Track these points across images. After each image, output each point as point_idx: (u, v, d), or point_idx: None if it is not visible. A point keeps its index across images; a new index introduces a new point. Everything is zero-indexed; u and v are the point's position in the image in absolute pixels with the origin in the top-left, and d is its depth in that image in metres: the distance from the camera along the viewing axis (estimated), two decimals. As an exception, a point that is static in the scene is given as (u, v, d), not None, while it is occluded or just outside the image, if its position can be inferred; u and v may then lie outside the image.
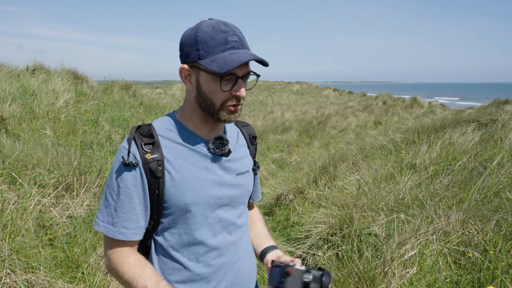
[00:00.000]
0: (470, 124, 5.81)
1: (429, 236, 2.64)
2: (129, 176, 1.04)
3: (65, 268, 2.78)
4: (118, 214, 1.05)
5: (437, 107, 19.64)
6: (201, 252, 1.11)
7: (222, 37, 1.00)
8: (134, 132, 1.07)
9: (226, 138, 1.12)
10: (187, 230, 1.10)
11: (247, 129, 1.30)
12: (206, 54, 1.01)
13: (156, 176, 1.04)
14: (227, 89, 1.03)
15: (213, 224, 1.12)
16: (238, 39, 1.02)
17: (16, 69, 8.54)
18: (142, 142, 1.06)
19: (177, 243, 1.11)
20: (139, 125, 1.10)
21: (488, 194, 3.09)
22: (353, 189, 3.89)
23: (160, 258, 1.13)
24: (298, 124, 14.09)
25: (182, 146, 1.10)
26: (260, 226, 1.38)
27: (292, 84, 42.62)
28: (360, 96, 29.42)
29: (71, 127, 6.01)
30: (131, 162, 1.03)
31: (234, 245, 1.17)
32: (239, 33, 1.04)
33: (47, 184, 3.49)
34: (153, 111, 8.90)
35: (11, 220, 2.75)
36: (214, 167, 1.12)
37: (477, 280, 2.27)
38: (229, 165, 1.15)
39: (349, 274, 2.61)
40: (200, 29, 1.02)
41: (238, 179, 1.17)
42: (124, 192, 1.05)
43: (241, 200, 1.20)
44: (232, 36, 1.01)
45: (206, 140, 1.13)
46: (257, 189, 1.40)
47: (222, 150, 1.11)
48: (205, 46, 1.00)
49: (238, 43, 1.01)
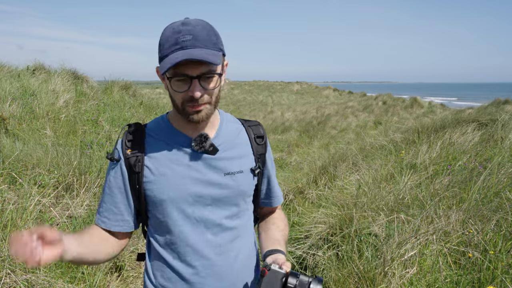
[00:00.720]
0: (470, 124, 5.81)
1: (429, 236, 2.63)
2: (111, 171, 1.13)
3: (65, 268, 2.78)
4: (102, 205, 1.16)
5: (437, 107, 19.65)
6: (183, 252, 1.11)
7: (174, 38, 1.00)
8: (124, 130, 1.15)
9: (205, 135, 1.10)
10: (169, 228, 1.11)
11: (254, 128, 1.25)
12: (162, 56, 1.03)
13: (135, 171, 1.09)
14: (181, 90, 1.02)
15: (195, 223, 1.11)
16: (190, 38, 0.98)
17: (16, 69, 8.54)
18: (126, 139, 1.12)
19: (162, 241, 1.14)
20: (129, 124, 1.15)
21: (488, 194, 3.09)
22: (353, 189, 3.89)
23: (151, 255, 1.18)
24: (298, 124, 14.09)
25: (166, 143, 1.12)
26: (273, 230, 1.29)
27: (292, 84, 42.59)
28: (360, 96, 29.41)
29: (71, 127, 6.01)
30: (113, 157, 1.11)
31: (219, 247, 1.13)
32: (198, 31, 1.00)
33: (47, 184, 3.49)
34: (153, 111, 8.90)
35: (11, 220, 2.75)
36: (197, 165, 1.11)
37: (477, 280, 2.26)
38: (217, 164, 1.12)
39: (349, 274, 2.61)
40: (164, 32, 1.04)
41: (226, 179, 1.13)
42: (107, 186, 1.14)
43: (230, 201, 1.15)
44: (184, 36, 0.99)
45: (190, 137, 1.13)
46: (273, 195, 1.33)
47: (202, 146, 1.09)
48: (162, 48, 1.03)
49: (188, 42, 0.98)
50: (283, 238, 1.26)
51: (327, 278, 2.80)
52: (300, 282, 0.97)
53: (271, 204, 1.34)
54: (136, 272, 3.02)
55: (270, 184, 1.31)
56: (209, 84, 1.03)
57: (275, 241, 1.22)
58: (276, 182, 1.35)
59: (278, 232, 1.28)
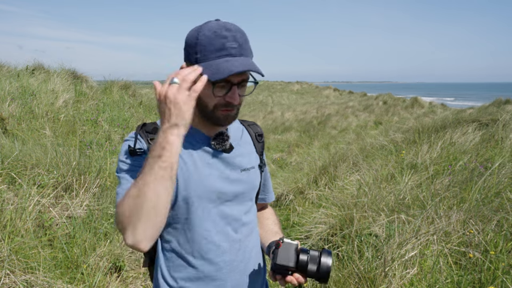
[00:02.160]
0: (471, 124, 5.80)
1: (429, 237, 2.63)
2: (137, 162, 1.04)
3: (64, 269, 2.78)
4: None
5: (437, 107, 19.64)
6: (205, 249, 1.11)
7: (220, 43, 1.00)
8: (140, 130, 1.11)
9: (227, 134, 1.13)
10: (190, 226, 1.10)
11: (253, 127, 1.31)
12: (203, 58, 1.02)
13: None
14: (220, 95, 1.04)
15: (217, 220, 1.12)
16: (237, 46, 1.01)
17: (16, 69, 8.54)
18: (148, 138, 1.09)
19: (182, 239, 1.12)
20: (144, 123, 1.12)
21: (489, 194, 3.08)
22: (354, 189, 3.88)
23: (166, 255, 1.14)
24: (298, 124, 14.08)
25: (185, 141, 1.10)
26: (269, 224, 1.36)
27: (292, 84, 42.60)
28: (360, 96, 29.41)
29: (70, 127, 6.00)
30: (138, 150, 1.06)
31: (238, 242, 1.16)
32: (240, 38, 1.03)
33: (46, 184, 3.48)
34: (153, 111, 8.89)
35: (10, 221, 2.74)
36: (216, 162, 1.13)
37: (477, 281, 2.26)
38: (233, 161, 1.16)
39: (350, 274, 2.60)
40: (201, 31, 1.03)
41: (242, 175, 1.17)
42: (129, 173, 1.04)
43: (246, 196, 1.19)
44: (231, 43, 1.00)
45: (208, 136, 1.14)
46: (268, 190, 1.40)
47: (223, 145, 1.12)
48: (203, 50, 1.01)
49: (236, 50, 1.01)
50: (280, 230, 1.35)
51: (327, 278, 2.79)
52: (311, 256, 1.04)
53: (266, 200, 1.40)
54: (136, 273, 3.01)
55: (266, 180, 1.37)
56: (244, 91, 1.09)
57: (275, 233, 1.30)
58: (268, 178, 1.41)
59: (274, 225, 1.36)
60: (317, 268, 1.03)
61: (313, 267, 1.04)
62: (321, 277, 1.03)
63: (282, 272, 1.05)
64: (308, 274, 1.04)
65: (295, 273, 1.05)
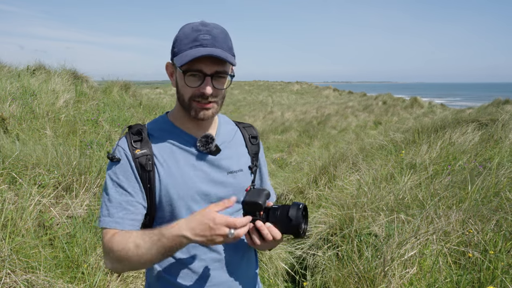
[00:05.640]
0: (470, 124, 5.81)
1: (429, 236, 2.63)
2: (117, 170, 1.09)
3: (65, 268, 2.78)
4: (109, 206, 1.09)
5: (437, 107, 19.64)
6: (191, 245, 1.12)
7: (193, 36, 1.04)
8: (126, 132, 1.14)
9: (211, 136, 1.14)
10: None
11: (248, 129, 1.32)
12: (178, 51, 1.06)
13: (146, 170, 1.09)
14: (193, 86, 1.06)
15: None
16: (209, 37, 1.04)
17: (16, 69, 8.54)
18: (132, 140, 1.11)
19: None
20: (130, 125, 1.15)
21: (488, 194, 3.09)
22: (353, 189, 3.89)
23: None
24: (298, 124, 14.07)
25: (170, 143, 1.14)
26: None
27: (292, 84, 42.59)
28: (360, 96, 29.41)
29: (71, 127, 6.00)
30: (114, 157, 1.08)
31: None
32: (216, 33, 1.06)
33: (47, 184, 3.49)
34: (153, 111, 8.89)
35: (11, 220, 2.75)
36: (201, 164, 1.15)
37: (477, 280, 2.26)
38: (220, 163, 1.17)
39: (349, 274, 2.61)
40: (182, 29, 1.08)
41: (229, 178, 1.18)
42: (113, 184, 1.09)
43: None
44: (204, 35, 1.04)
45: (194, 137, 1.16)
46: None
47: (207, 147, 1.14)
48: (179, 44, 1.06)
49: (208, 41, 1.04)
50: None
51: (327, 278, 2.81)
52: (282, 206, 1.06)
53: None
54: (136, 272, 3.02)
55: (263, 179, 1.38)
56: (220, 84, 1.08)
57: None
58: (269, 179, 1.42)
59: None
60: (286, 215, 1.03)
61: (282, 213, 1.03)
62: (291, 225, 1.02)
63: (251, 213, 1.05)
64: (277, 219, 1.03)
65: (267, 222, 1.04)
